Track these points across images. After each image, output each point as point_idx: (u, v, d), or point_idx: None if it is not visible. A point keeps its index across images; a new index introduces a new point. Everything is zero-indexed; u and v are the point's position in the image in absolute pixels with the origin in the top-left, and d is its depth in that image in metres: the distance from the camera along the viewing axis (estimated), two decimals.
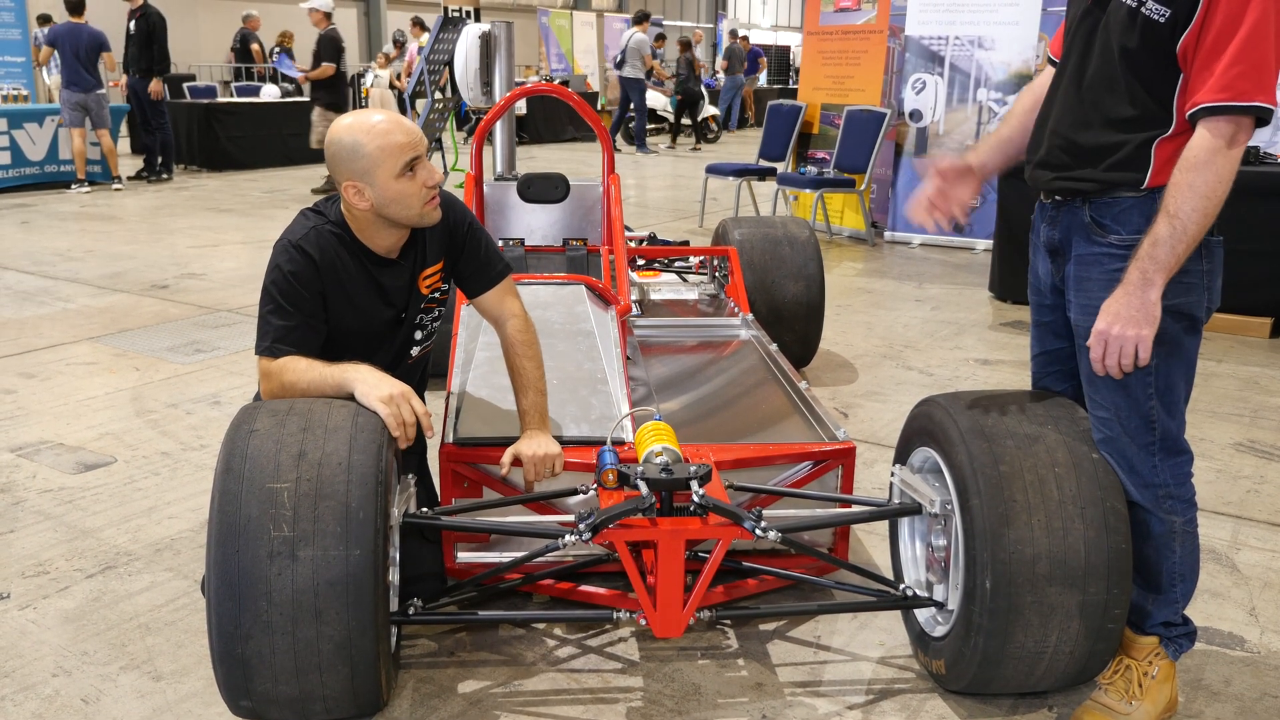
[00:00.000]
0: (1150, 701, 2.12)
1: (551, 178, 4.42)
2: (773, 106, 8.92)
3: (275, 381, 2.22)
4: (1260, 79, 1.74)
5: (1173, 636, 2.15)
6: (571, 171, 4.74)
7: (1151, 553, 2.06)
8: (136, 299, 5.89)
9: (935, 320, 5.68)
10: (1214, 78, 1.76)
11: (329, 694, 1.93)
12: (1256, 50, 1.73)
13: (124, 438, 3.75)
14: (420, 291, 2.49)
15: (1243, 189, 1.99)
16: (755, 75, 22.33)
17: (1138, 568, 2.07)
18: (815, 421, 2.86)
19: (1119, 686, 2.14)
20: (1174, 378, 1.99)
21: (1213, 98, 1.77)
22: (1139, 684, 2.12)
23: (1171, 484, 2.03)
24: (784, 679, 2.33)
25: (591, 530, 2.05)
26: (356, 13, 25.95)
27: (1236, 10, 1.74)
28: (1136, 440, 2.01)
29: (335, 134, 2.27)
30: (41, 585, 2.70)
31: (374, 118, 2.26)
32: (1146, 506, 2.03)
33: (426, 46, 8.34)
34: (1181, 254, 1.82)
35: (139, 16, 10.49)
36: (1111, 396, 2.01)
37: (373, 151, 2.22)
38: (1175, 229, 1.80)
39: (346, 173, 2.26)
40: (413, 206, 2.30)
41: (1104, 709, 2.13)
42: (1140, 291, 1.84)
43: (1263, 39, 1.73)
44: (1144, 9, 1.84)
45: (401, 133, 2.25)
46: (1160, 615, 2.12)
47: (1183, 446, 2.05)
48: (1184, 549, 2.07)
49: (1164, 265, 1.82)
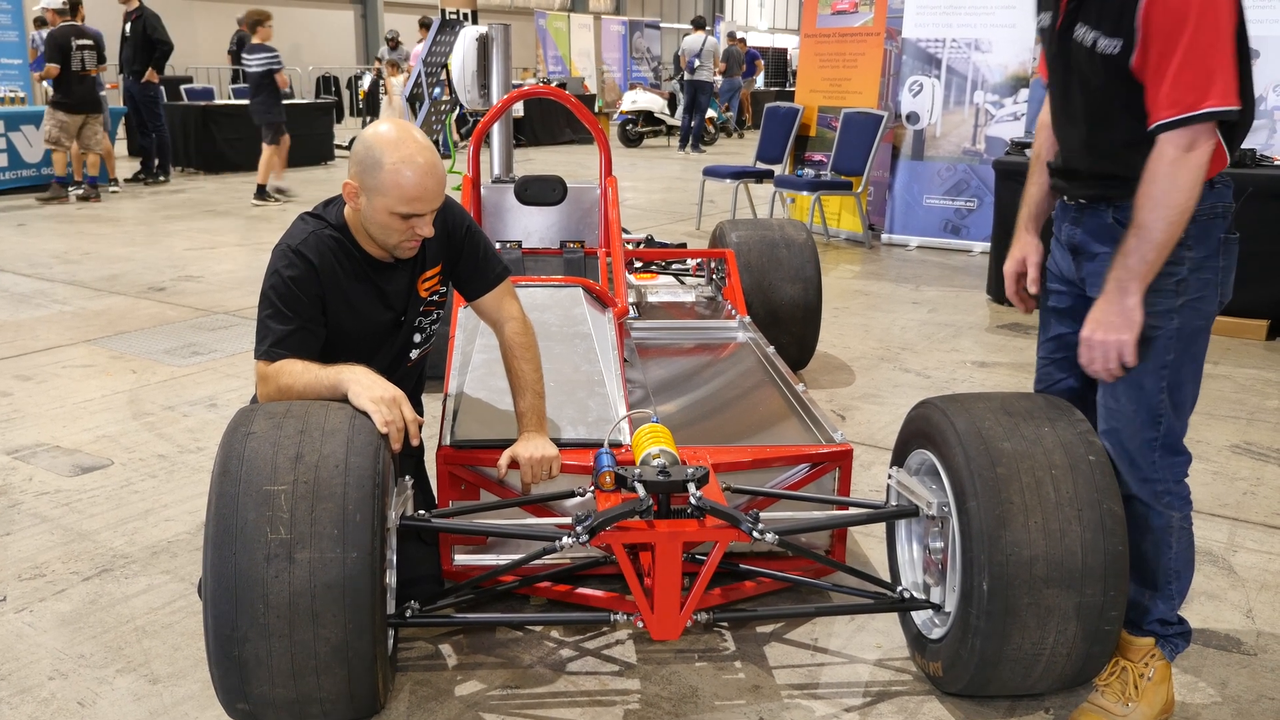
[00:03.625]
0: (1147, 703, 2.14)
1: (549, 180, 4.42)
2: (770, 109, 8.93)
3: (272, 384, 2.22)
4: (1208, 85, 1.78)
5: (1169, 636, 2.17)
6: (569, 174, 4.74)
7: (1150, 548, 2.09)
8: (133, 301, 5.89)
9: (932, 322, 5.68)
10: (1163, 94, 1.82)
11: (326, 696, 1.92)
12: (1199, 60, 1.78)
13: (121, 440, 3.74)
14: (419, 294, 2.49)
15: (1238, 191, 2.04)
16: (753, 78, 22.33)
17: (1135, 564, 2.10)
18: (812, 424, 2.86)
19: (1115, 688, 2.15)
20: (1184, 375, 2.03)
21: (1164, 114, 1.83)
22: (1135, 685, 2.14)
23: (1170, 480, 2.07)
24: (781, 681, 2.33)
25: (589, 532, 2.05)
26: (354, 15, 25.97)
27: (1173, 25, 1.78)
28: (1141, 434, 2.05)
29: (370, 137, 2.24)
30: (38, 588, 2.70)
31: (410, 150, 2.21)
32: (1145, 501, 2.07)
33: (424, 49, 8.35)
34: (1153, 261, 1.90)
35: (134, 18, 10.48)
36: (1125, 388, 2.05)
37: (386, 182, 2.21)
38: (1143, 239, 1.88)
39: (356, 173, 2.26)
40: (390, 239, 2.30)
41: (1101, 711, 2.14)
42: (1119, 299, 1.93)
43: (1204, 48, 1.77)
44: (1098, 47, 1.91)
45: (420, 187, 2.21)
46: (1157, 611, 2.14)
47: (1182, 448, 2.09)
48: (1180, 544, 2.10)
49: (1137, 274, 1.91)
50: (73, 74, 9.32)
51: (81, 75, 9.40)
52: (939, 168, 7.85)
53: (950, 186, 7.83)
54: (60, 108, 9.39)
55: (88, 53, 9.41)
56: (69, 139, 9.47)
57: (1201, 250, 1.98)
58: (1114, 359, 1.96)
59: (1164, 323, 1.99)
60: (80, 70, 9.38)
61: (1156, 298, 1.97)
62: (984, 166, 7.53)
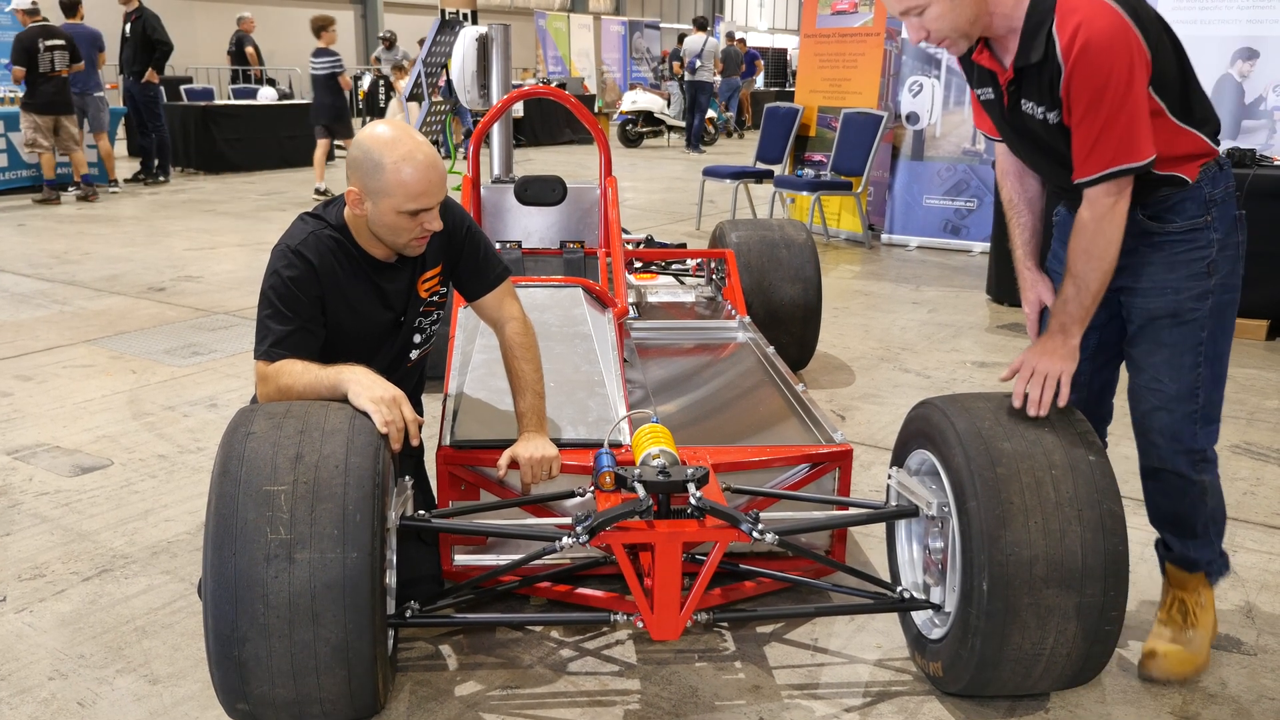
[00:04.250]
0: (1204, 627, 2.36)
1: (549, 180, 4.42)
2: (770, 109, 8.93)
3: (272, 385, 2.22)
4: (1122, 145, 1.95)
5: (1214, 570, 2.38)
6: (568, 174, 4.74)
7: (1187, 509, 2.26)
8: (133, 301, 5.89)
9: (932, 323, 5.68)
10: (1085, 156, 1.99)
11: (326, 697, 1.92)
12: (1114, 126, 1.94)
13: (121, 440, 3.74)
14: (419, 295, 2.49)
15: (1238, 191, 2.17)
16: (752, 78, 22.34)
17: (1174, 521, 2.30)
18: (812, 424, 2.86)
19: (1176, 620, 2.36)
20: (1221, 347, 2.18)
21: (1086, 173, 2.01)
22: (1195, 613, 2.35)
23: (1208, 448, 2.23)
24: (781, 681, 2.33)
25: (589, 533, 2.05)
26: (354, 15, 25.95)
27: (1090, 98, 1.93)
28: (1184, 409, 2.17)
29: (366, 141, 2.24)
30: (38, 588, 2.70)
31: (409, 148, 2.22)
32: (1183, 472, 2.21)
33: (424, 49, 8.34)
34: (1089, 305, 2.09)
35: (134, 19, 10.48)
36: (1166, 370, 2.17)
37: (389, 182, 2.21)
38: (1079, 287, 2.08)
39: (358, 180, 2.25)
40: (400, 238, 2.30)
41: (1169, 642, 2.33)
42: (1061, 338, 2.12)
43: (1117, 114, 1.93)
44: (1048, 119, 2.05)
45: (424, 181, 2.22)
46: (1204, 555, 2.34)
47: (1217, 416, 2.23)
48: (1213, 499, 2.28)
49: (1076, 318, 2.11)
50: (40, 75, 9.18)
51: (49, 76, 9.24)
52: (939, 168, 7.84)
53: (950, 187, 7.82)
54: (30, 109, 9.30)
55: (58, 53, 9.26)
56: (46, 139, 9.37)
57: (1223, 229, 2.13)
58: (1052, 386, 2.10)
59: (1200, 304, 2.13)
60: (50, 71, 9.23)
61: (1192, 282, 2.12)
62: (984, 167, 7.53)
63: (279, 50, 19.90)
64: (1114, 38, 1.90)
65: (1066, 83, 1.96)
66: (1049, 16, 1.95)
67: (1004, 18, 2.02)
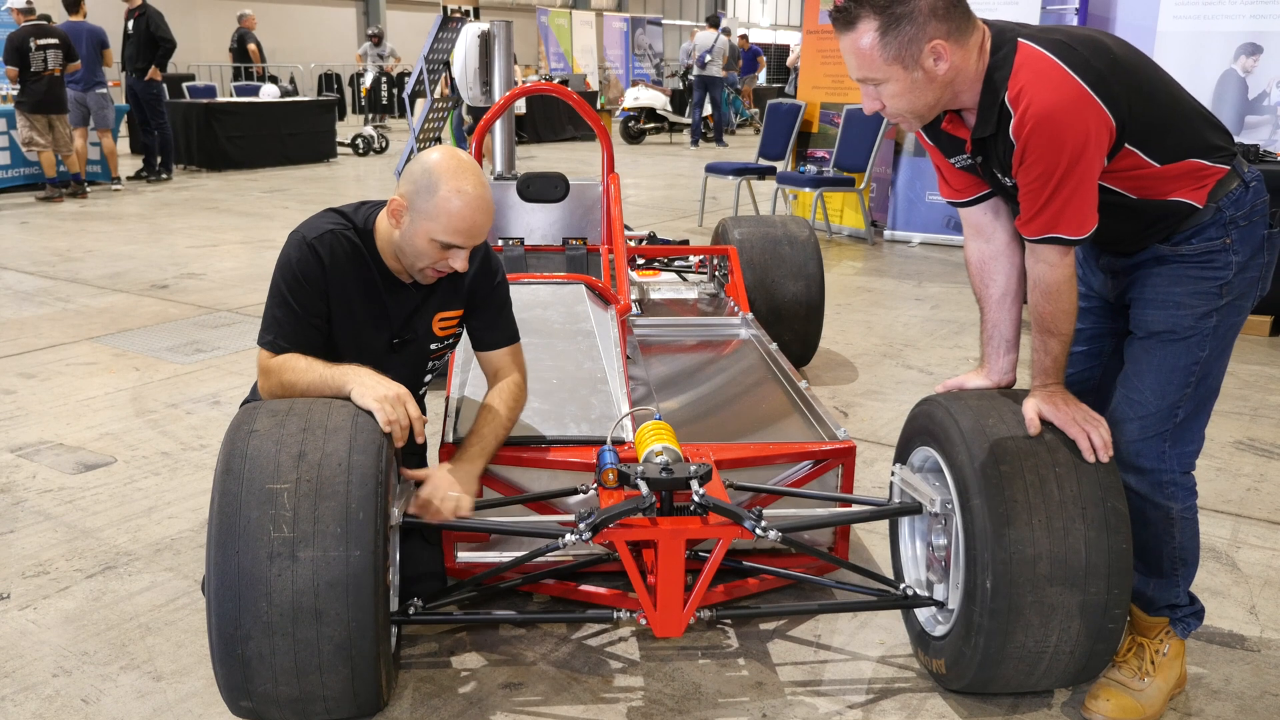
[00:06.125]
0: (1162, 678, 2.19)
1: (551, 177, 4.42)
2: (772, 105, 8.92)
3: (274, 380, 2.21)
4: (1059, 219, 1.93)
5: (1180, 617, 2.22)
6: (571, 171, 4.74)
7: (1150, 538, 2.12)
8: (136, 299, 5.89)
9: (935, 319, 5.68)
10: (1027, 220, 1.98)
11: (329, 694, 1.93)
12: (1055, 199, 1.91)
13: (124, 438, 3.75)
14: (434, 333, 2.46)
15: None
16: (754, 74, 22.32)
17: (1138, 553, 2.12)
18: (815, 420, 2.86)
19: (1132, 664, 2.21)
20: (1215, 368, 2.08)
21: (1028, 232, 1.99)
22: (1151, 661, 2.20)
23: (1176, 471, 2.09)
24: (784, 678, 2.33)
25: (592, 530, 2.05)
26: (355, 12, 25.96)
27: (1040, 170, 1.90)
28: (1155, 425, 2.06)
29: (429, 161, 2.21)
30: (42, 585, 2.70)
31: (468, 183, 2.19)
32: (1143, 493, 2.08)
33: (425, 46, 8.34)
34: (1058, 353, 2.06)
35: (137, 16, 10.48)
36: (1151, 382, 2.06)
37: (436, 207, 2.18)
38: (1045, 342, 2.06)
39: (409, 192, 2.22)
40: (418, 262, 2.26)
41: (1119, 685, 2.18)
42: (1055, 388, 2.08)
43: (1058, 188, 1.90)
44: (1013, 184, 2.01)
45: (469, 220, 2.19)
46: (1166, 598, 2.19)
47: (1194, 437, 2.11)
48: (1184, 535, 2.13)
49: (1051, 372, 2.07)
50: (31, 74, 9.15)
51: (41, 75, 9.20)
52: None
53: None
54: (23, 108, 9.29)
55: (50, 52, 9.23)
56: (43, 137, 9.36)
57: (1246, 252, 2.02)
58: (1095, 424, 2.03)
59: (1202, 324, 2.03)
60: (42, 70, 9.20)
61: (1199, 300, 2.02)
62: None
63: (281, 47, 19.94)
64: (1065, 112, 1.84)
65: (1018, 157, 1.92)
66: (1002, 89, 1.91)
67: (970, 95, 1.98)
